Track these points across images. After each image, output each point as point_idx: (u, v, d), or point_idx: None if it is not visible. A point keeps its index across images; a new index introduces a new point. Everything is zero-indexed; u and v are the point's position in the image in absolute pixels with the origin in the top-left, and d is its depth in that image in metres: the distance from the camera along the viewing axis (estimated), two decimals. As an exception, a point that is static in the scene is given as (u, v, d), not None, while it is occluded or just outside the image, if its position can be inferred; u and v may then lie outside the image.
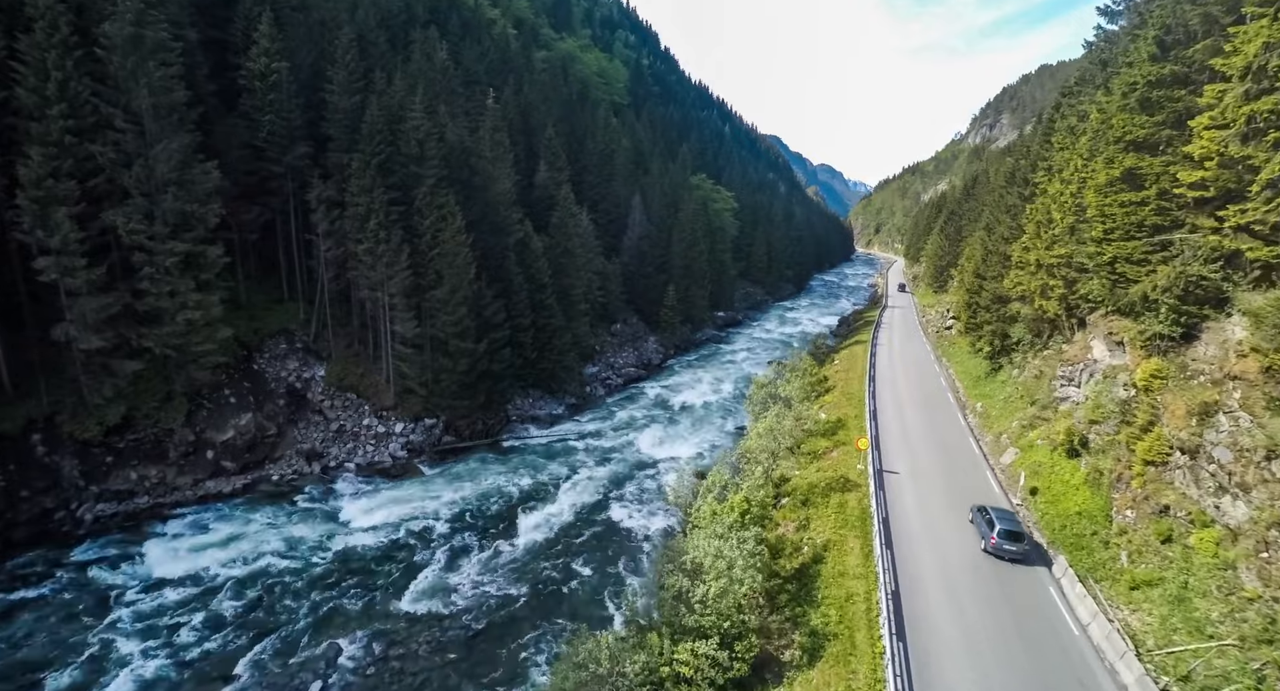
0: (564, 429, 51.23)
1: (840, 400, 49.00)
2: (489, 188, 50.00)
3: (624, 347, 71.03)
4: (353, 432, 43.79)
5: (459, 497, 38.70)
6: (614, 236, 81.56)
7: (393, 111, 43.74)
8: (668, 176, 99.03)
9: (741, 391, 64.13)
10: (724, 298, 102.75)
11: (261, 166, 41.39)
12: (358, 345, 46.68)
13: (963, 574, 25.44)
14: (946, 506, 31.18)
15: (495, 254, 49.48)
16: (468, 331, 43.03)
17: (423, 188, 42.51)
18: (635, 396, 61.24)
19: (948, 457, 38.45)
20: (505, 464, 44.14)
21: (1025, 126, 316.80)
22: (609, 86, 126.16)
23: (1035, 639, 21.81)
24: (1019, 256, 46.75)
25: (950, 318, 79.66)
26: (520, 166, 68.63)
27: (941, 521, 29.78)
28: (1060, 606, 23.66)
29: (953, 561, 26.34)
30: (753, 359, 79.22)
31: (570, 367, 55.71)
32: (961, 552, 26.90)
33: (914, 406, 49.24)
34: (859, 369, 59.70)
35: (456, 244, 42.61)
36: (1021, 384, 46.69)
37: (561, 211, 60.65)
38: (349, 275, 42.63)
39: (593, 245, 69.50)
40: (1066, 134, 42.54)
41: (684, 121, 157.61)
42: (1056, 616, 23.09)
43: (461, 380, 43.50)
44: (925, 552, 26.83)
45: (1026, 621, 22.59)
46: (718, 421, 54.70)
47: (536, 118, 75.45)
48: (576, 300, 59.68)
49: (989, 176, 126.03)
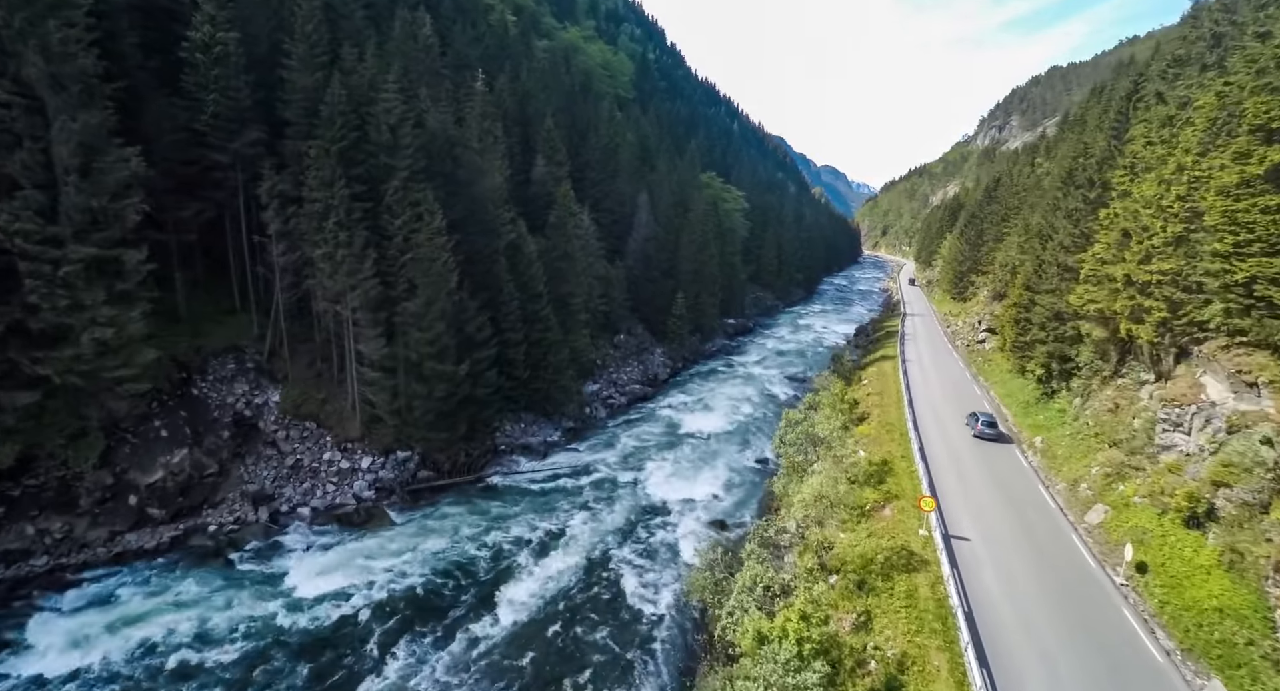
0: (560, 460, 44.69)
1: (879, 433, 42.45)
2: (476, 183, 43.48)
3: (628, 361, 64.52)
4: (311, 469, 37.27)
5: (431, 556, 32.15)
6: (617, 238, 75.05)
7: (361, 91, 37.20)
8: (675, 174, 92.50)
9: (758, 411, 57.70)
10: (734, 304, 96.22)
11: (204, 154, 34.84)
12: (320, 364, 40.15)
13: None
14: (1039, 592, 24.65)
15: (482, 259, 42.96)
16: (446, 351, 36.51)
17: (394, 181, 35.98)
18: (641, 418, 54.70)
19: (1018, 514, 31.89)
20: (490, 508, 37.62)
21: (1037, 128, 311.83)
22: (613, 80, 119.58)
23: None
24: (1090, 269, 40.21)
25: (983, 331, 73.15)
26: (515, 160, 62.07)
27: (1037, 612, 23.26)
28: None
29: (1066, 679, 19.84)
30: (767, 371, 72.73)
31: (568, 387, 49.20)
32: (1077, 665, 20.36)
33: (963, 440, 42.69)
34: (892, 391, 53.17)
35: (434, 248, 36.09)
36: (1091, 418, 40.14)
37: (560, 210, 54.16)
38: (307, 284, 36.10)
39: (594, 248, 63.00)
40: (1161, 125, 35.93)
41: (691, 118, 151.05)
42: None
43: (439, 408, 36.98)
44: (1031, 665, 20.31)
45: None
46: (734, 451, 48.15)
47: (534, 108, 68.87)
48: (576, 310, 53.16)
49: (1011, 178, 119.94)
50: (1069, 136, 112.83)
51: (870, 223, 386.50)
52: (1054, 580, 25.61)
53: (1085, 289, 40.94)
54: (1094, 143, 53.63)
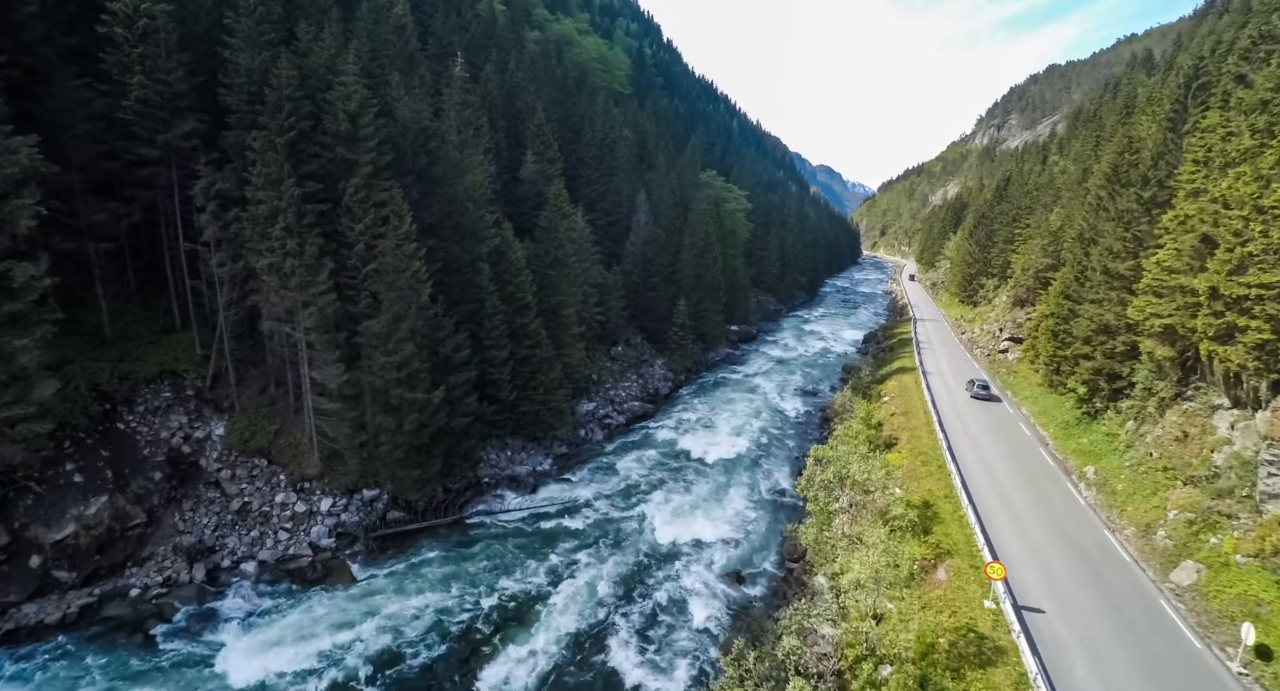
0: (552, 494, 39.55)
1: (913, 463, 37.50)
2: (454, 181, 38.32)
3: (626, 375, 59.42)
4: (260, 514, 32.04)
5: (395, 624, 26.96)
6: (614, 241, 69.92)
7: (317, 74, 31.99)
8: (675, 172, 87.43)
9: (769, 432, 52.71)
10: (738, 309, 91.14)
11: (127, 148, 29.54)
12: (274, 390, 34.91)
13: None
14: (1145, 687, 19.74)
15: (460, 268, 37.84)
16: (417, 376, 31.34)
17: (355, 179, 30.78)
18: (641, 441, 49.60)
19: (1091, 571, 26.91)
20: (470, 557, 32.46)
21: (1037, 126, 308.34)
22: (609, 74, 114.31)
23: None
24: (1153, 278, 35.34)
25: (1005, 340, 68.42)
26: (502, 157, 56.91)
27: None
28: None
29: None
30: (775, 384, 67.74)
31: (560, 408, 44.08)
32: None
33: (1007, 470, 37.81)
34: (918, 410, 48.26)
35: (403, 255, 30.92)
36: (1155, 448, 35.31)
37: (552, 211, 49.04)
38: (252, 300, 30.86)
39: (589, 252, 57.89)
40: (1251, 111, 30.94)
41: (690, 115, 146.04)
42: None
43: (410, 442, 31.81)
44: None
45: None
46: (745, 480, 43.10)
47: (524, 101, 63.69)
48: (568, 322, 48.03)
49: (1023, 177, 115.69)
50: (1082, 133, 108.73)
51: (869, 222, 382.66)
52: (1156, 669, 20.68)
53: (1147, 301, 36.08)
54: (1143, 136, 48.76)
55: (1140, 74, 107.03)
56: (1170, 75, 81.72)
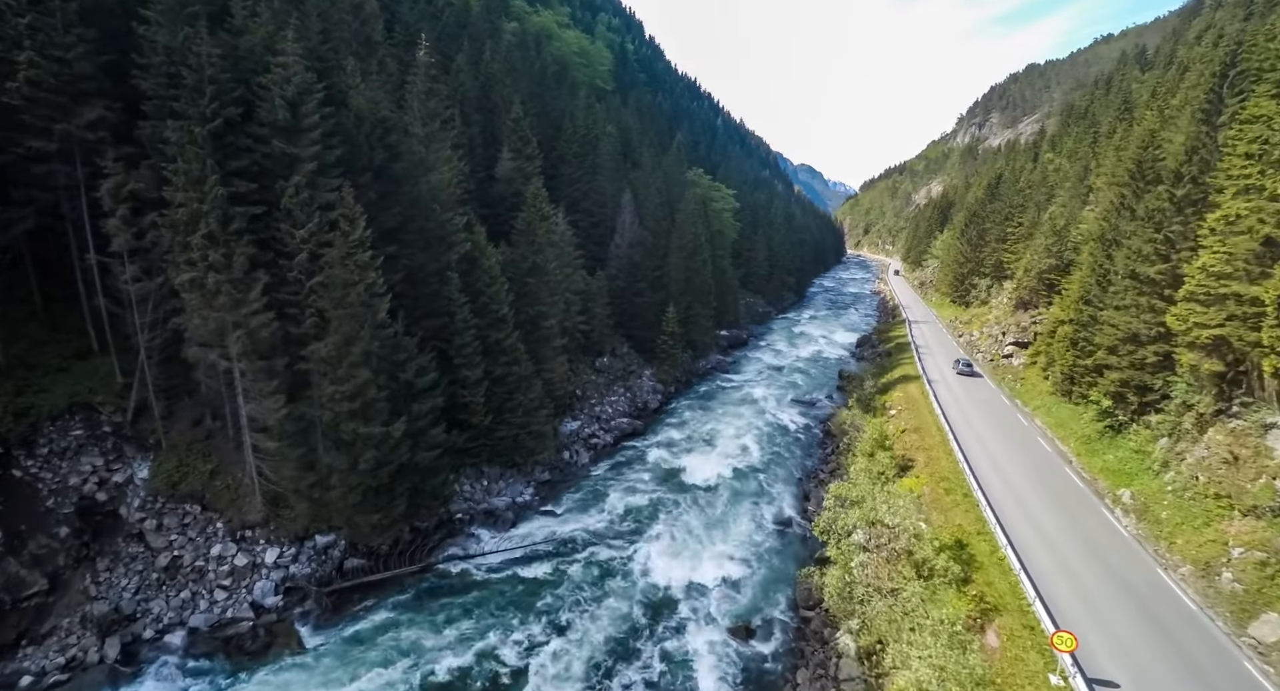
0: (534, 530, 35.25)
1: (935, 491, 33.87)
2: (419, 179, 33.89)
3: (613, 388, 55.25)
4: (193, 570, 27.35)
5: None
6: (598, 244, 65.74)
7: (253, 55, 27.39)
8: (661, 170, 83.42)
9: (767, 448, 48.89)
10: (727, 313, 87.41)
11: (15, 139, 24.72)
12: (211, 422, 30.21)
13: None
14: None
15: (426, 278, 33.44)
16: (373, 407, 26.92)
17: (297, 177, 26.25)
18: (630, 462, 45.47)
19: (1156, 625, 23.36)
20: (440, 611, 28.10)
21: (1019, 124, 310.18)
22: (591, 69, 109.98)
23: None
24: (1197, 284, 32.06)
25: (1009, 344, 65.44)
26: (476, 154, 52.50)
27: None
28: None
29: None
30: (770, 393, 64.00)
31: (542, 431, 39.81)
32: None
33: (1035, 495, 34.36)
34: (930, 426, 44.79)
35: (355, 266, 26.48)
36: (1201, 470, 32.00)
37: (530, 213, 44.71)
38: (175, 321, 26.16)
39: (571, 256, 53.64)
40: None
41: (674, 112, 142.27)
42: None
43: (367, 483, 27.37)
44: None
45: None
46: (746, 507, 39.19)
47: (500, 93, 59.23)
48: (549, 334, 43.75)
49: (1015, 175, 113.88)
50: (1075, 130, 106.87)
51: (852, 221, 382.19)
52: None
53: (1189, 308, 32.79)
54: (1166, 130, 45.74)
55: (1134, 70, 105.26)
56: (1171, 70, 79.72)
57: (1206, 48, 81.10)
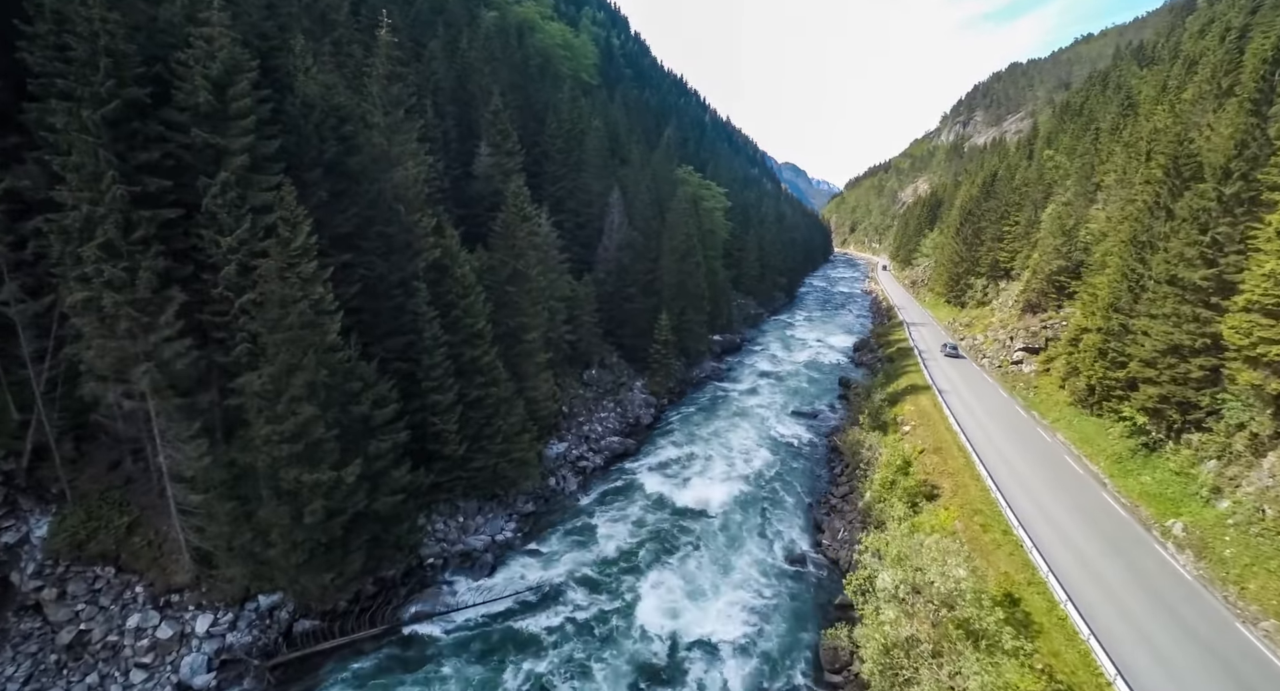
0: (515, 576, 30.91)
1: (970, 526, 30.08)
2: (379, 176, 29.38)
3: (602, 403, 50.99)
4: (105, 647, 22.70)
5: None
6: (584, 246, 61.41)
7: (173, 26, 22.73)
8: (650, 167, 79.20)
9: (770, 467, 45.02)
10: (720, 317, 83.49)
11: None
12: (131, 465, 25.49)
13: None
14: None
15: (388, 290, 28.97)
16: (321, 448, 22.48)
17: (225, 173, 21.69)
18: (623, 489, 41.27)
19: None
20: (405, 686, 23.77)
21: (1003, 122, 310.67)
22: (575, 62, 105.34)
23: None
24: (1262, 294, 28.60)
25: (1019, 350, 62.18)
26: (451, 149, 47.95)
27: None
28: None
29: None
30: (768, 404, 60.20)
31: (524, 459, 35.49)
32: None
33: (1078, 528, 30.74)
34: (949, 444, 41.15)
35: (297, 280, 22.00)
36: (1268, 501, 28.57)
37: (510, 213, 40.27)
38: (69, 350, 21.45)
39: (556, 260, 49.29)
40: None
41: (662, 108, 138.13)
42: None
43: (314, 539, 22.91)
44: None
45: None
46: (755, 543, 35.22)
47: (478, 83, 54.64)
48: (532, 348, 39.41)
49: (1010, 173, 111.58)
50: (1070, 126, 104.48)
51: (838, 219, 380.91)
52: None
53: (1251, 321, 29.36)
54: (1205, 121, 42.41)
55: (1132, 65, 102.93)
56: (1176, 64, 77.07)
57: (1212, 41, 78.70)
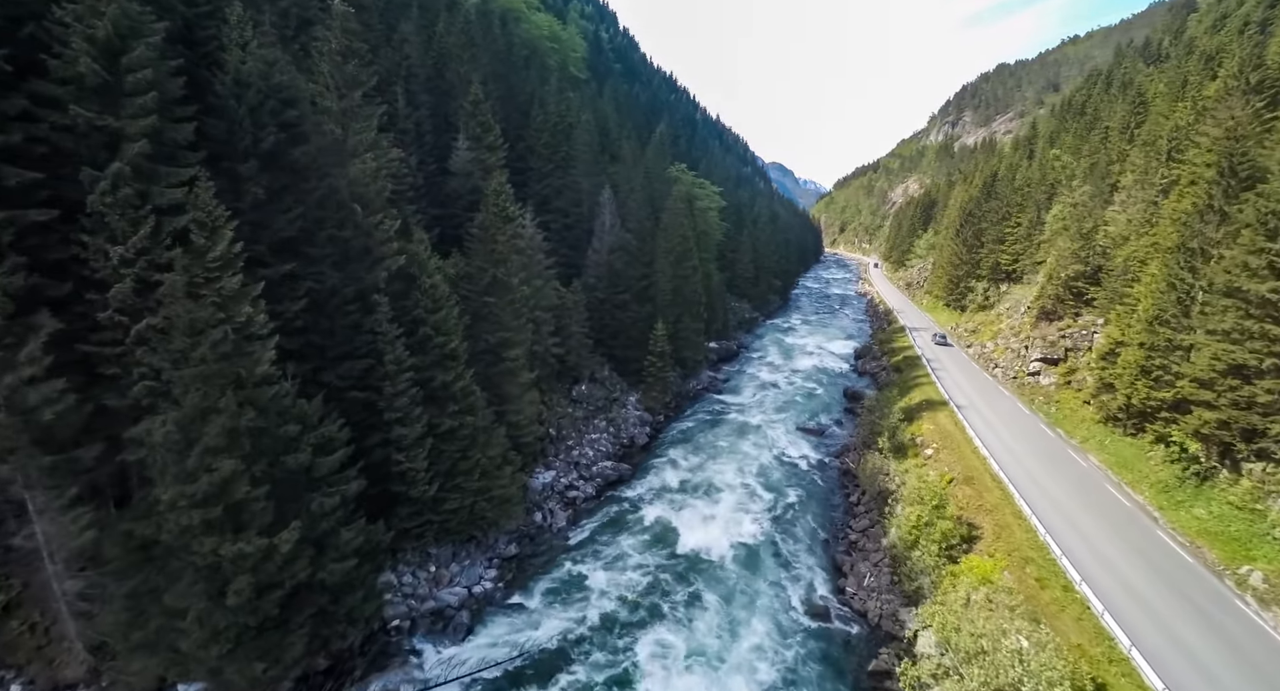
0: (494, 638, 26.36)
1: (1024, 582, 25.97)
2: (330, 170, 24.68)
3: (593, 423, 46.47)
4: (-36, 760, 17.95)
5: None
6: (573, 248, 56.89)
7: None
8: (643, 164, 74.75)
9: (781, 494, 40.86)
10: (715, 322, 79.26)
11: None
12: (15, 531, 20.60)
13: None
14: None
15: (342, 306, 24.28)
16: (246, 512, 17.83)
17: (118, 163, 16.97)
18: (616, 525, 36.81)
19: None
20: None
21: (992, 123, 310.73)
22: (563, 55, 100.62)
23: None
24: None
25: (1034, 360, 58.61)
26: (425, 142, 43.22)
27: None
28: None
29: None
30: (771, 419, 56.06)
31: (505, 495, 30.96)
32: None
33: (1144, 579, 26.78)
34: (982, 476, 37.15)
35: (216, 299, 17.32)
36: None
37: (491, 213, 35.64)
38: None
39: (542, 266, 44.74)
40: None
41: (652, 104, 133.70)
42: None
43: (240, 621, 18.23)
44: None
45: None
46: (769, 592, 30.94)
47: (456, 70, 49.87)
48: (515, 367, 34.86)
49: (1011, 173, 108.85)
50: (1073, 125, 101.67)
51: (827, 219, 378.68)
52: None
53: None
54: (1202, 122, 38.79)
55: (1138, 63, 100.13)
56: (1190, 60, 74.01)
57: (1229, 36, 75.85)
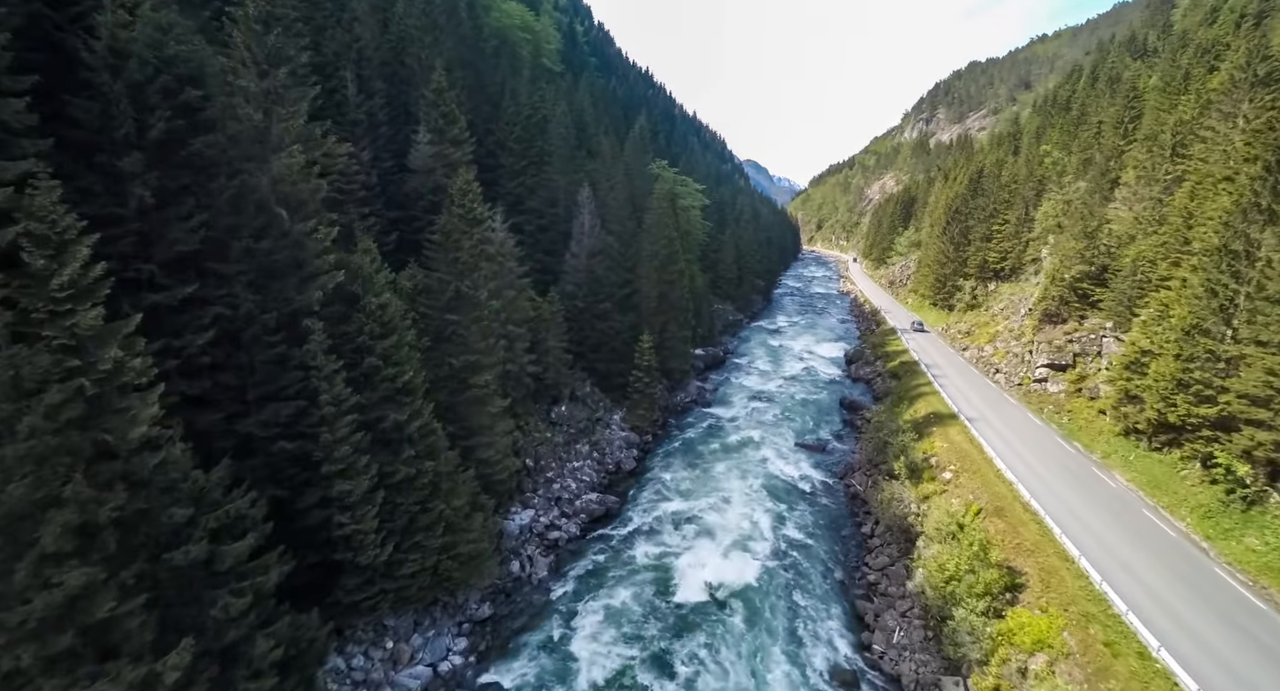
0: (460, 735, 21.79)
1: (1090, 645, 22.15)
2: (245, 166, 19.71)
3: (575, 448, 41.86)
4: None
5: None
6: (548, 253, 52.15)
7: None
8: (623, 161, 70.14)
9: (785, 525, 36.86)
10: (702, 328, 75.10)
11: None
12: None
13: None
14: None
15: (260, 336, 19.35)
16: (115, 633, 12.95)
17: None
18: (606, 570, 32.23)
19: None
20: None
21: (965, 120, 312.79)
22: (536, 46, 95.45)
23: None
24: None
25: (1040, 366, 55.60)
26: (379, 136, 38.18)
27: None
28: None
29: None
30: (767, 435, 52.03)
31: (476, 550, 26.25)
32: None
33: (1218, 633, 23.21)
34: (1012, 506, 33.44)
35: (62, 340, 12.42)
36: None
37: (452, 216, 30.81)
38: None
39: (516, 275, 39.97)
40: None
41: (630, 99, 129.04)
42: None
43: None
44: None
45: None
46: (784, 653, 26.74)
47: (416, 56, 44.72)
48: (484, 395, 30.10)
49: (998, 170, 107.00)
50: (1059, 121, 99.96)
51: (804, 216, 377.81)
52: None
53: None
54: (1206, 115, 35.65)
55: (1124, 57, 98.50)
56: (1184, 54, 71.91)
57: (1222, 29, 73.98)
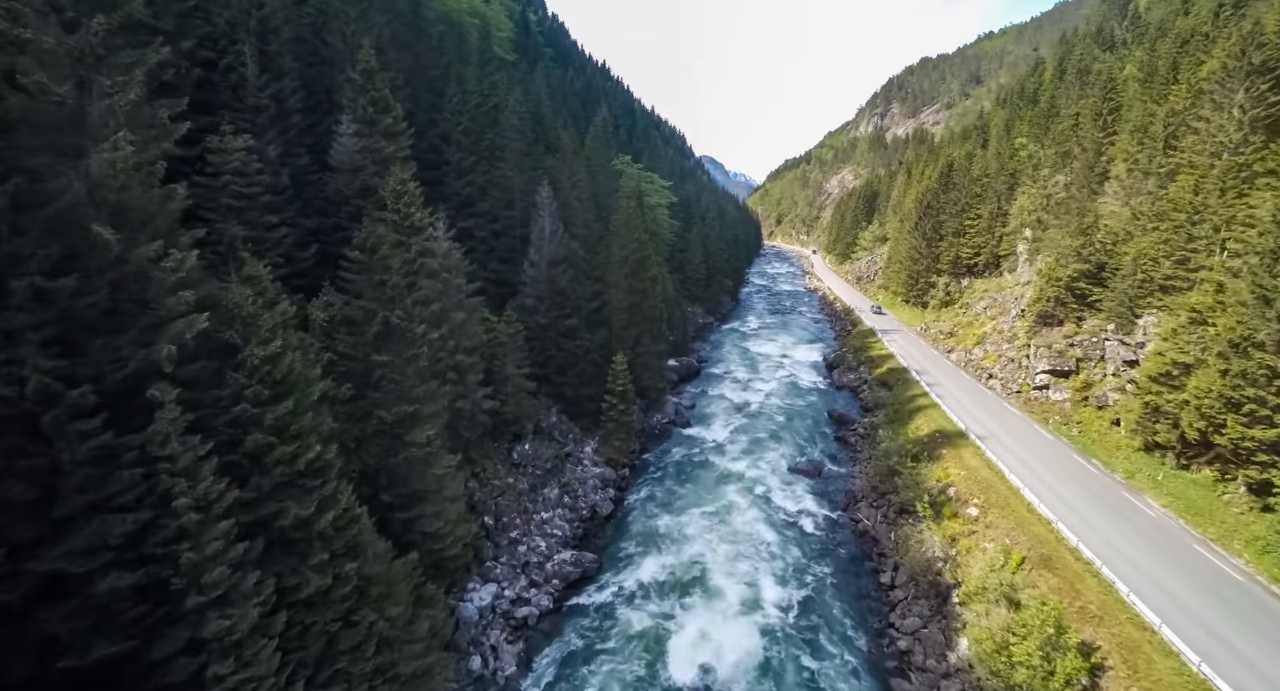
0: None
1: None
2: (46, 163, 13.03)
3: (543, 493, 35.66)
4: None
5: None
6: (504, 261, 45.72)
7: None
8: (584, 155, 63.82)
9: (791, 592, 31.56)
10: (675, 336, 69.56)
11: None
12: None
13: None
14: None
15: (62, 422, 12.72)
16: None
17: None
18: (585, 652, 26.32)
19: None
20: None
21: (920, 114, 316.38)
22: (487, 34, 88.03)
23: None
24: None
25: (1040, 373, 52.10)
26: (289, 125, 31.17)
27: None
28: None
29: None
30: (755, 461, 46.93)
31: (422, 667, 19.99)
32: None
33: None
34: (1059, 553, 28.86)
35: None
36: None
37: (383, 225, 24.29)
38: None
39: (464, 293, 33.51)
40: None
41: (588, 91, 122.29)
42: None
43: None
44: None
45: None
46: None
47: (340, 30, 37.56)
48: (426, 454, 23.73)
49: (968, 164, 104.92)
50: (1028, 114, 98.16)
51: (763, 211, 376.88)
52: None
53: None
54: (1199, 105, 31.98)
55: (1093, 49, 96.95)
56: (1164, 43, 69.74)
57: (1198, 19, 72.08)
